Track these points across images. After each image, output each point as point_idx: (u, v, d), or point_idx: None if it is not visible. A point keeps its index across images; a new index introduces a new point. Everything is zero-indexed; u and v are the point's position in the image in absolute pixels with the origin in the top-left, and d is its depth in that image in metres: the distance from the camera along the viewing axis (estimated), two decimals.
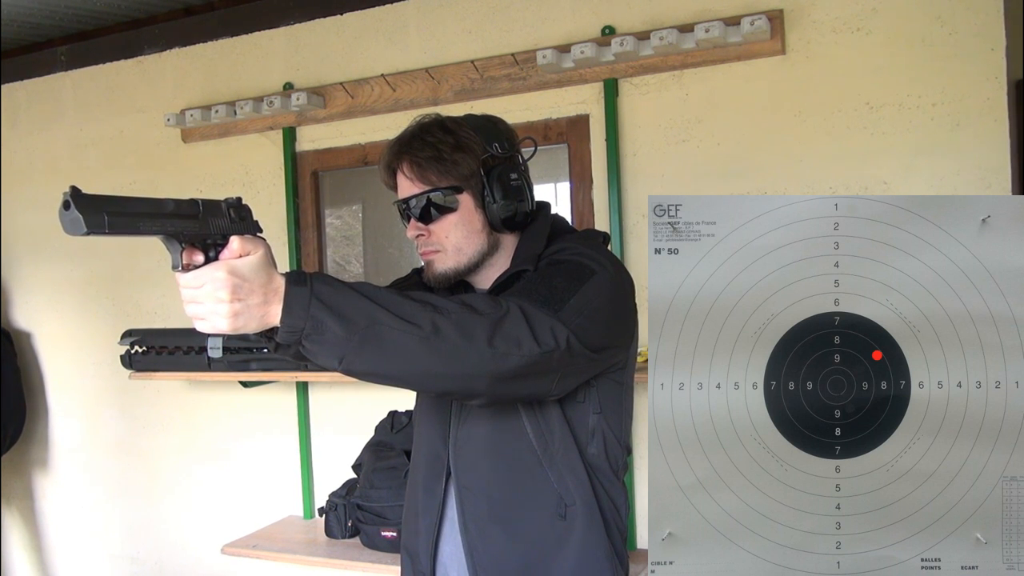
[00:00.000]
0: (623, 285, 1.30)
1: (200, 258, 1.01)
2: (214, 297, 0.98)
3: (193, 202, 1.00)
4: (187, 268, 1.00)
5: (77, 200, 0.89)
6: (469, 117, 1.38)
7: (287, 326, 1.00)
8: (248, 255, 1.00)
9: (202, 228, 1.01)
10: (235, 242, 1.00)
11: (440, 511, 1.38)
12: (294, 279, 1.01)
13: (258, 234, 1.05)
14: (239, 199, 1.05)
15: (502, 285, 1.32)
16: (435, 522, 1.38)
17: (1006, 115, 1.93)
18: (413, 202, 1.32)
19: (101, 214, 0.90)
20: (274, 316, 1.00)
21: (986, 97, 1.94)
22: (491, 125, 1.37)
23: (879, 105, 2.04)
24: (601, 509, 1.32)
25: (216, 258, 1.00)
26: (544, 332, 1.12)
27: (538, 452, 1.30)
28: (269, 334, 1.04)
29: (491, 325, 1.09)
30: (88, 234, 0.90)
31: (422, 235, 1.34)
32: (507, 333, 1.09)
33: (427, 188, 1.31)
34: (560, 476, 1.30)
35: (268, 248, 1.03)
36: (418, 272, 1.50)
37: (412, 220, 1.34)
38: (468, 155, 1.31)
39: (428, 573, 1.40)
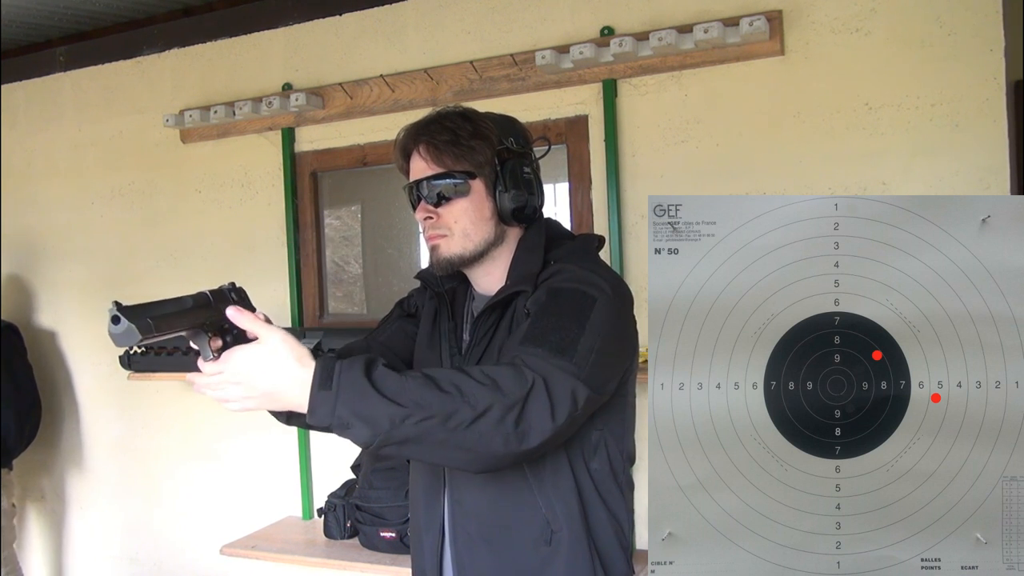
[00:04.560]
0: (623, 305, 1.29)
1: (219, 343, 1.09)
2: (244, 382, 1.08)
3: (202, 294, 1.09)
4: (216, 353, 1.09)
5: (124, 312, 0.95)
6: (488, 113, 1.39)
7: (315, 419, 1.07)
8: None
9: (218, 316, 1.09)
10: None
11: (441, 528, 1.38)
12: (319, 382, 1.05)
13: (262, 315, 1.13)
14: (233, 284, 1.15)
15: (500, 303, 1.32)
16: (438, 540, 1.38)
17: (1004, 116, 1.93)
18: (425, 184, 1.33)
19: (145, 319, 0.97)
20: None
21: (985, 98, 1.94)
22: (508, 122, 1.39)
23: (878, 106, 2.04)
24: (593, 535, 1.31)
25: (233, 343, 1.08)
26: (564, 402, 1.13)
27: (528, 475, 1.29)
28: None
29: (516, 410, 1.10)
30: (141, 342, 0.97)
31: (430, 218, 1.33)
32: (530, 417, 1.11)
33: (441, 171, 1.32)
34: (548, 501, 1.29)
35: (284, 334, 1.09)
36: (400, 305, 1.52)
37: (422, 202, 1.34)
38: (484, 143, 1.32)
39: None
